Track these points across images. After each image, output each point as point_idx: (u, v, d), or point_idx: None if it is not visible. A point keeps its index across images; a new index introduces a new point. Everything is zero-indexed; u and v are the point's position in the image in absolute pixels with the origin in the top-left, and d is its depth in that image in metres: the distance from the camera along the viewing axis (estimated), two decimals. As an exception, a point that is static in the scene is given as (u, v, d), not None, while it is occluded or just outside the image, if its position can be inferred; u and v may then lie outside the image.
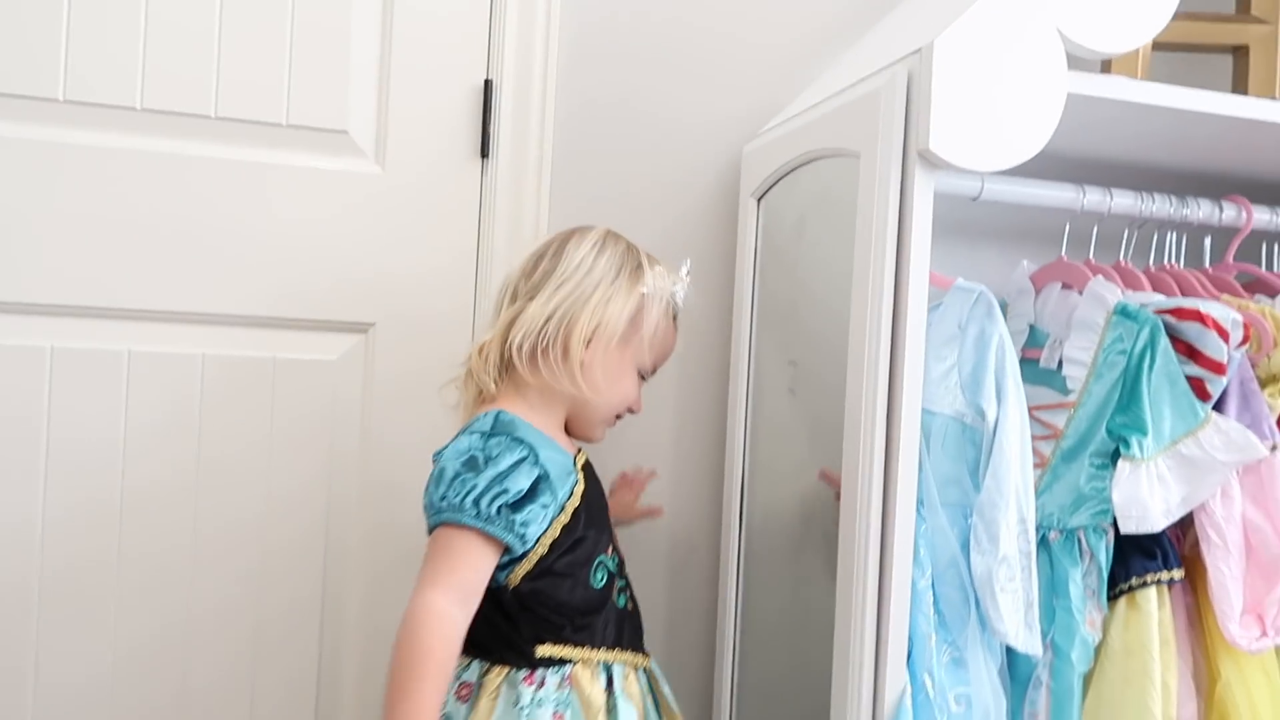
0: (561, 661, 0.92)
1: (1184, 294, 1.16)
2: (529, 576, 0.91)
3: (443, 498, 0.87)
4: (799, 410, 1.13)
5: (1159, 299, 1.08)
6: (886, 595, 0.91)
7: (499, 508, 0.86)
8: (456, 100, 1.23)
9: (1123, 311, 1.07)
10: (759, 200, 1.24)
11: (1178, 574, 1.02)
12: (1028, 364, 1.17)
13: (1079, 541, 1.04)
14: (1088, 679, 1.02)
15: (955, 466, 0.99)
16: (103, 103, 1.12)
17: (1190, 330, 1.03)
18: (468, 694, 0.92)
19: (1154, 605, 1.01)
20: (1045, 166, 0.96)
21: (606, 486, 1.07)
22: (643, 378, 1.04)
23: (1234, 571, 1.01)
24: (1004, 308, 1.19)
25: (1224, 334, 1.02)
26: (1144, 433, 1.02)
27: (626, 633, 0.98)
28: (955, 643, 0.96)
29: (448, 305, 1.22)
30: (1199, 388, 1.03)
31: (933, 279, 1.05)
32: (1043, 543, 1.07)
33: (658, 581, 1.31)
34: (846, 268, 0.97)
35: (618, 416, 1.05)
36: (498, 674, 0.92)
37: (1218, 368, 1.02)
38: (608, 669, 0.94)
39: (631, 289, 0.97)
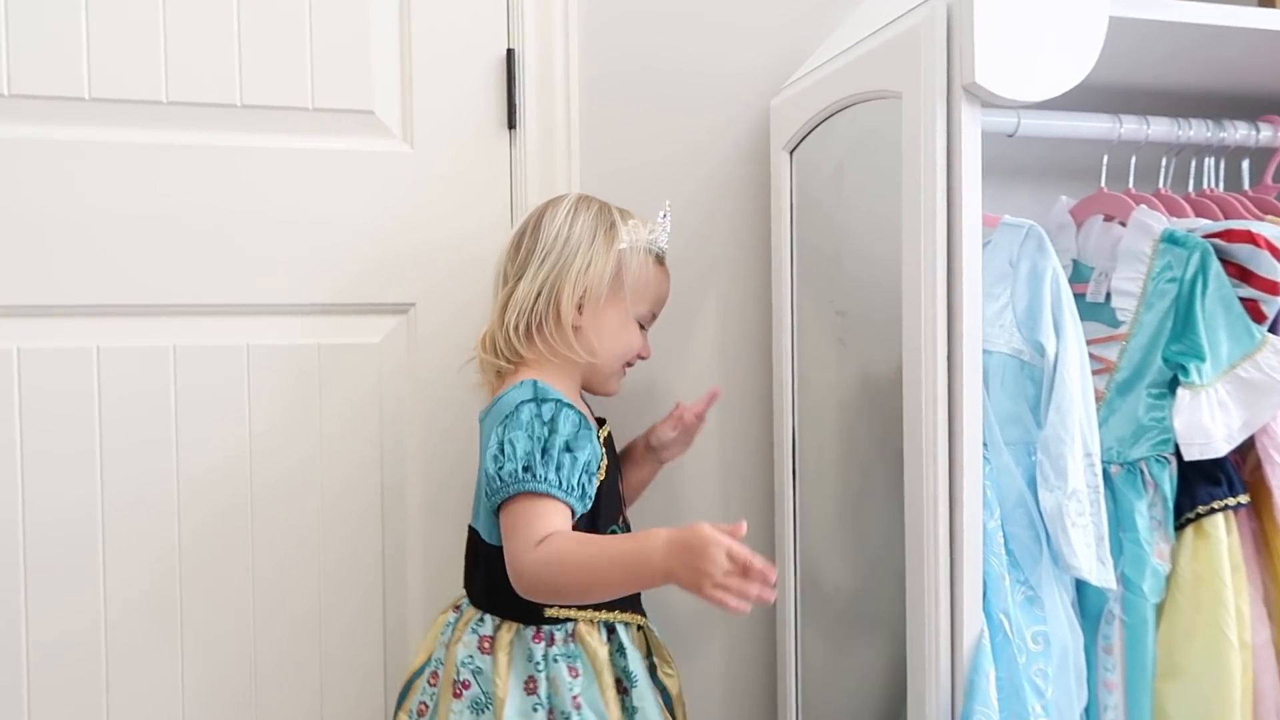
0: (566, 620, 0.95)
1: (1228, 218, 1.15)
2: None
3: (525, 469, 0.88)
4: (850, 360, 1.12)
5: (1205, 223, 1.07)
6: (959, 537, 0.91)
7: (577, 479, 0.90)
8: (480, 73, 1.22)
9: (1170, 238, 1.05)
10: (791, 153, 1.22)
11: (1244, 499, 1.02)
12: (1075, 299, 1.16)
13: (1141, 473, 1.04)
14: (1159, 610, 1.02)
15: (1015, 404, 0.98)
16: (129, 98, 1.11)
17: (1242, 252, 1.02)
18: (489, 647, 0.96)
19: (1222, 531, 1.00)
20: (1078, 98, 0.95)
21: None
22: (643, 326, 1.06)
23: (1300, 491, 1.00)
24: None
25: (1277, 253, 1.00)
26: (1202, 359, 1.01)
27: (636, 595, 1.01)
28: (1028, 581, 0.95)
29: (486, 279, 1.20)
30: (1254, 310, 1.02)
31: (984, 218, 1.05)
32: (1104, 477, 1.06)
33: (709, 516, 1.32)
34: (893, 212, 0.96)
35: (628, 364, 1.07)
36: (508, 630, 0.96)
37: (1272, 287, 1.01)
38: (608, 625, 0.98)
39: (609, 248, 1.00)
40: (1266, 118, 1.19)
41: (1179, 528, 1.02)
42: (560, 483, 0.88)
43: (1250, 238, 1.02)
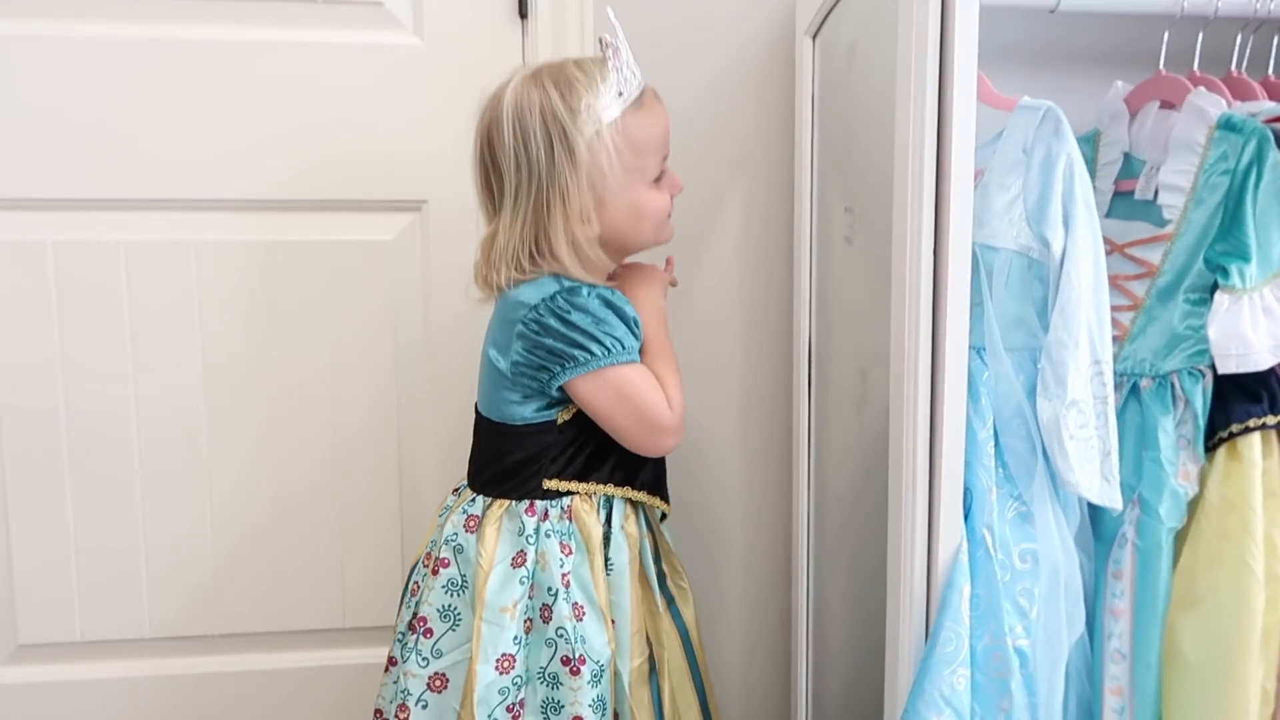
0: (562, 494, 0.94)
1: (1312, 104, 1.00)
2: (578, 414, 0.94)
3: (609, 349, 0.90)
4: (855, 259, 1.06)
5: (1271, 107, 0.94)
6: (938, 446, 0.84)
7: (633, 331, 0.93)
8: (491, -41, 1.18)
9: (1227, 125, 0.93)
10: (814, 38, 1.14)
11: (1288, 417, 0.91)
12: (1122, 197, 1.05)
13: (1173, 387, 0.94)
14: (1182, 537, 0.93)
15: (1021, 306, 0.90)
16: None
17: (1317, 135, 0.89)
18: (474, 525, 0.95)
19: (1257, 453, 0.90)
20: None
21: None
22: (660, 173, 0.97)
23: (1356, 412, 0.89)
24: (1097, 137, 1.08)
25: (1349, 137, 0.87)
26: (1246, 259, 0.90)
27: (642, 476, 0.98)
28: (1021, 497, 0.88)
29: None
30: (1318, 203, 0.90)
31: (996, 100, 0.96)
32: (1134, 391, 0.97)
33: (732, 432, 1.30)
34: (893, 96, 0.88)
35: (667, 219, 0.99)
36: (498, 507, 0.94)
37: (1340, 177, 0.88)
38: (608, 504, 0.96)
39: (575, 153, 0.88)
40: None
41: (1211, 448, 0.93)
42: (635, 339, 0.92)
43: (1317, 120, 0.89)
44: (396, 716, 0.93)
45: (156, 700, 1.23)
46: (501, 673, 0.90)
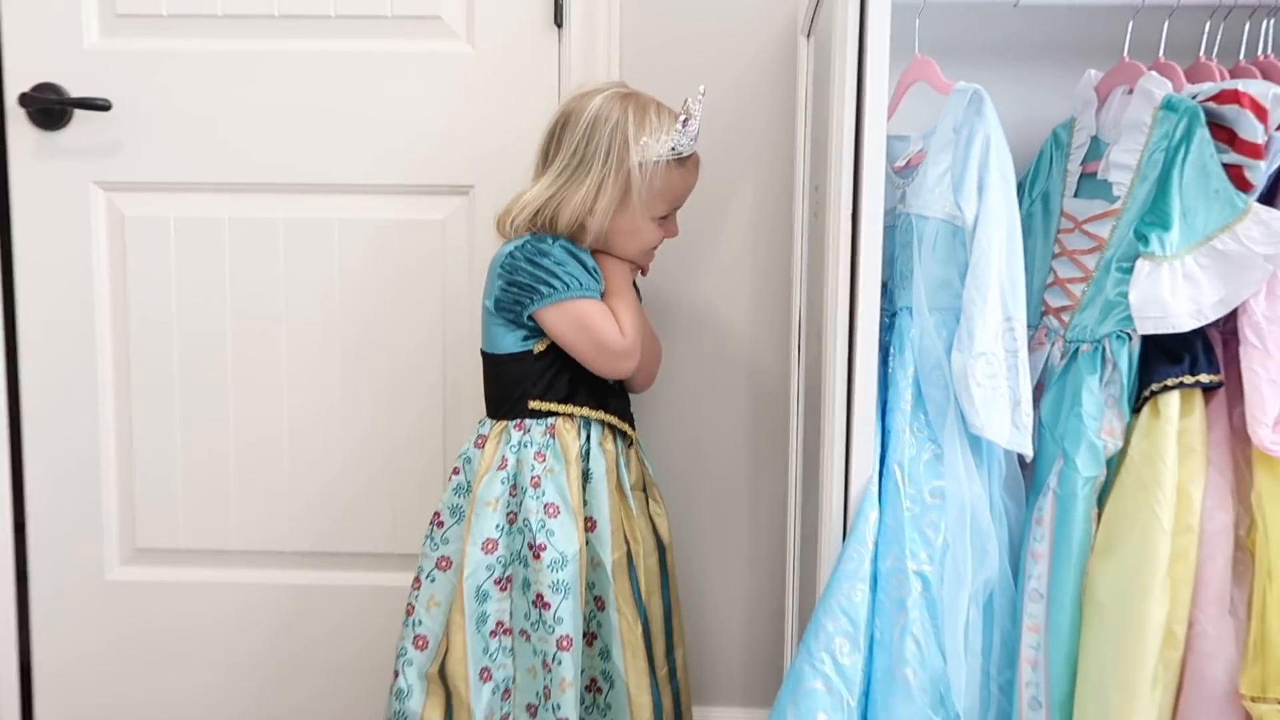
0: (547, 414, 1.13)
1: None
2: (551, 346, 1.12)
3: (568, 284, 1.09)
4: (817, 236, 1.17)
5: (1208, 87, 0.99)
6: (855, 392, 0.95)
7: (593, 278, 1.12)
8: (531, -24, 1.36)
9: (1167, 105, 1.00)
10: (808, 36, 1.26)
11: (1207, 378, 0.96)
12: (1087, 178, 1.12)
13: (1103, 350, 1.01)
14: (1108, 489, 0.99)
15: (946, 269, 0.99)
16: (247, 13, 1.38)
17: (1229, 113, 0.95)
18: (482, 442, 1.15)
19: (1175, 411, 0.96)
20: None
21: None
22: (665, 217, 1.17)
23: (1270, 374, 0.93)
24: (1072, 123, 1.15)
25: (1261, 112, 0.93)
26: (1167, 228, 0.96)
27: (614, 405, 1.17)
28: (937, 440, 0.98)
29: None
30: (1238, 176, 0.95)
31: (936, 84, 1.06)
32: (1075, 356, 1.04)
33: (741, 399, 1.42)
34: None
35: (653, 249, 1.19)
36: (499, 426, 1.14)
37: (1254, 150, 0.94)
38: (587, 425, 1.14)
39: (619, 170, 1.09)
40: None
41: (1137, 407, 0.99)
42: (596, 285, 1.12)
43: (1235, 97, 0.94)
44: (412, 588, 1.14)
45: (240, 603, 1.46)
46: (486, 553, 1.10)
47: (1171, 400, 0.96)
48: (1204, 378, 0.96)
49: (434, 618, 1.13)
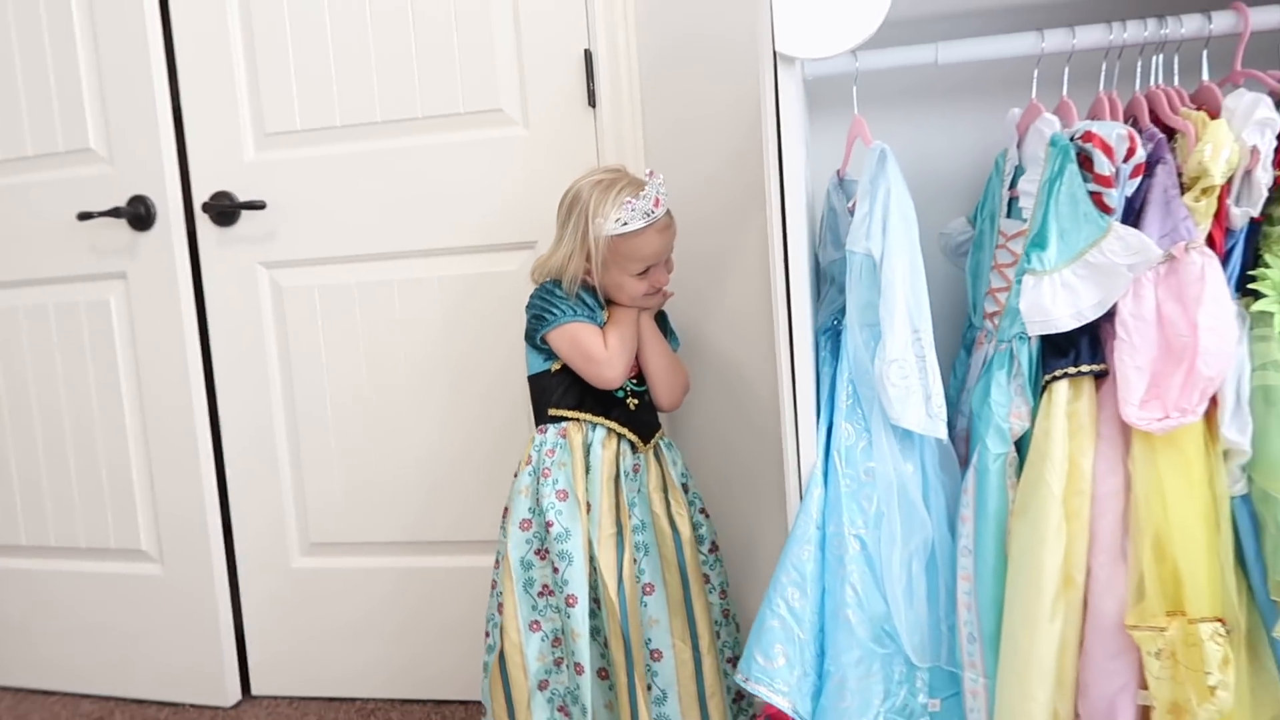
0: (560, 419, 1.46)
1: (1152, 113, 1.23)
2: (564, 366, 1.46)
3: (564, 312, 1.44)
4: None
5: (1080, 125, 1.19)
6: (798, 396, 1.22)
7: (590, 309, 1.46)
8: (569, 70, 1.68)
9: (1053, 142, 1.20)
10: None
11: (1088, 368, 1.16)
12: (1014, 201, 1.32)
13: (1011, 349, 1.23)
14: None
15: (870, 294, 1.23)
16: (357, 122, 1.77)
17: (1089, 149, 1.15)
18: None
19: (1062, 396, 1.17)
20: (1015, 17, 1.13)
21: None
22: (646, 272, 1.45)
23: (1136, 362, 1.13)
24: (1004, 154, 1.36)
25: (1108, 150, 1.13)
26: (1043, 248, 1.17)
27: (617, 414, 1.47)
28: (869, 429, 1.23)
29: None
30: (1099, 201, 1.16)
31: (866, 140, 1.30)
32: (998, 356, 1.26)
33: (763, 405, 1.69)
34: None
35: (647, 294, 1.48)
36: (536, 431, 1.49)
37: (1106, 181, 1.14)
38: (593, 429, 1.45)
39: (581, 245, 1.42)
40: (1235, 5, 1.23)
41: (1040, 394, 1.20)
42: (590, 314, 1.46)
43: (1089, 137, 1.14)
44: (494, 567, 1.48)
45: (390, 585, 1.87)
46: (523, 530, 1.44)
47: (1060, 388, 1.17)
48: (1085, 368, 1.17)
49: None
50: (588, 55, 1.67)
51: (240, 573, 1.94)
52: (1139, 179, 1.16)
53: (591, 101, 1.68)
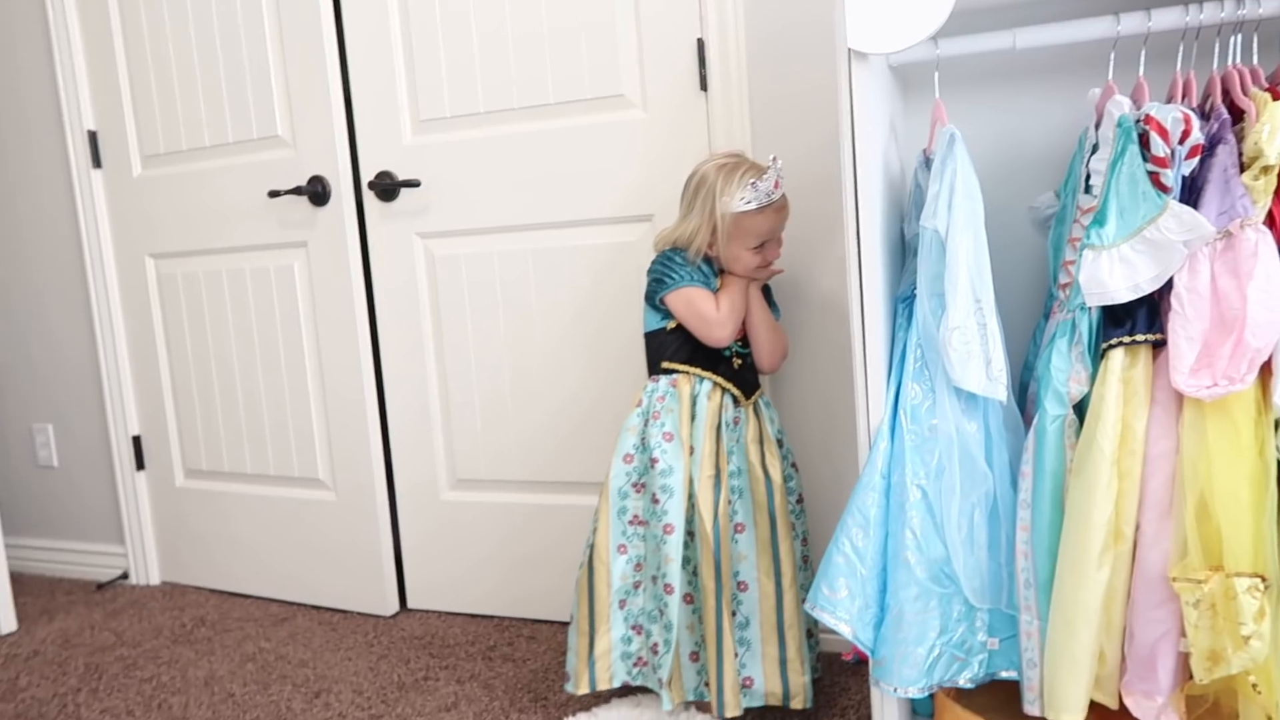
0: (672, 372, 1.64)
1: (1225, 94, 1.28)
2: (679, 325, 1.63)
3: (682, 278, 1.61)
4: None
5: (1146, 108, 1.25)
6: (869, 356, 1.35)
7: (705, 276, 1.62)
8: (684, 56, 1.84)
9: (1119, 123, 1.27)
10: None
11: (1143, 337, 1.24)
12: (1090, 178, 1.39)
13: (1074, 319, 1.31)
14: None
15: (938, 266, 1.34)
16: (499, 108, 1.99)
17: (1148, 131, 1.22)
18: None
19: (1118, 363, 1.25)
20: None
21: None
22: (761, 247, 1.61)
23: (1188, 332, 1.20)
24: (1086, 133, 1.43)
25: (1163, 132, 1.20)
26: (1102, 224, 1.25)
27: (724, 371, 1.64)
28: (934, 390, 1.34)
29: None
30: (1157, 181, 1.22)
31: (943, 122, 1.39)
32: (1062, 324, 1.35)
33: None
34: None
35: (759, 267, 1.64)
36: (646, 381, 1.67)
37: (1162, 162, 1.21)
38: (700, 382, 1.62)
39: (708, 220, 1.59)
40: (1322, -20, 1.25)
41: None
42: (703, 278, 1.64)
43: (1148, 120, 1.21)
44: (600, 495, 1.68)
45: (523, 518, 2.11)
46: (625, 463, 1.63)
47: (1116, 355, 1.25)
48: (1140, 336, 1.24)
49: None
50: (700, 44, 1.82)
51: (399, 502, 2.24)
52: (1197, 159, 1.22)
53: (703, 86, 1.83)
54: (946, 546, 1.34)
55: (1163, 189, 1.22)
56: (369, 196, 2.13)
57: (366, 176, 2.12)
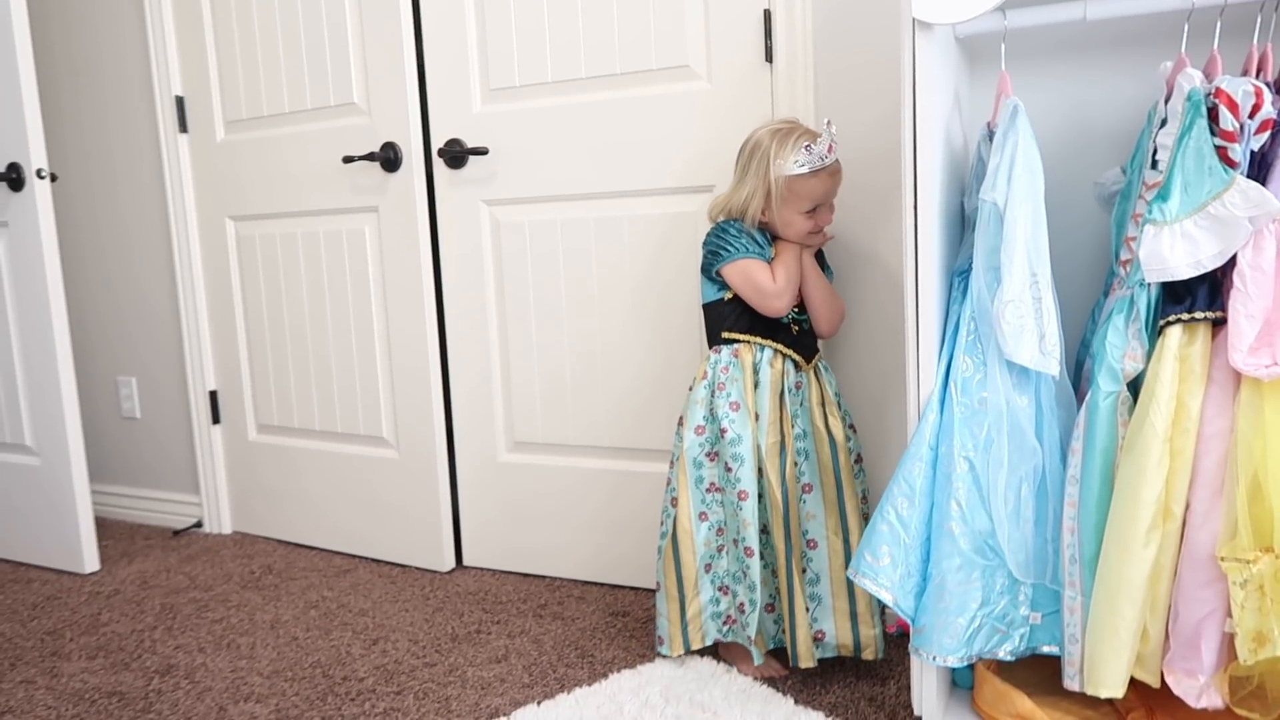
0: (733, 341, 1.66)
1: (1298, 69, 1.25)
2: (736, 295, 1.65)
3: (738, 249, 1.64)
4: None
5: (1217, 81, 1.23)
6: (921, 329, 1.36)
7: (760, 246, 1.64)
8: (749, 27, 1.85)
9: (1189, 96, 1.26)
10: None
11: (1201, 314, 1.22)
12: (1156, 153, 1.37)
13: (1132, 295, 1.30)
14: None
15: (995, 239, 1.34)
16: (567, 78, 2.03)
17: (1217, 104, 1.20)
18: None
19: (1175, 340, 1.24)
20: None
21: None
22: (814, 211, 1.62)
23: (1249, 310, 1.18)
24: (1155, 105, 1.41)
25: (1233, 106, 1.17)
26: (1166, 199, 1.24)
27: (783, 338, 1.66)
28: (985, 363, 1.34)
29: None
30: (1224, 155, 1.20)
31: (1007, 95, 1.38)
32: (1120, 300, 1.34)
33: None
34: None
35: (811, 233, 1.64)
36: (709, 352, 1.69)
37: (1230, 136, 1.19)
38: (761, 351, 1.65)
39: (762, 183, 1.61)
40: None
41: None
42: (759, 249, 1.66)
43: (1218, 93, 1.19)
44: (670, 466, 1.72)
45: (574, 481, 2.16)
46: (697, 435, 1.66)
47: (1173, 332, 1.24)
48: (1198, 314, 1.23)
49: None
50: (767, 15, 1.83)
51: (458, 462, 2.30)
52: (1267, 134, 1.19)
53: (768, 57, 1.84)
54: (991, 519, 1.34)
55: (1230, 164, 1.20)
56: (438, 164, 2.19)
57: (437, 144, 2.18)
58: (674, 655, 1.69)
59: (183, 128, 2.54)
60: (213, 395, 2.65)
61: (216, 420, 2.66)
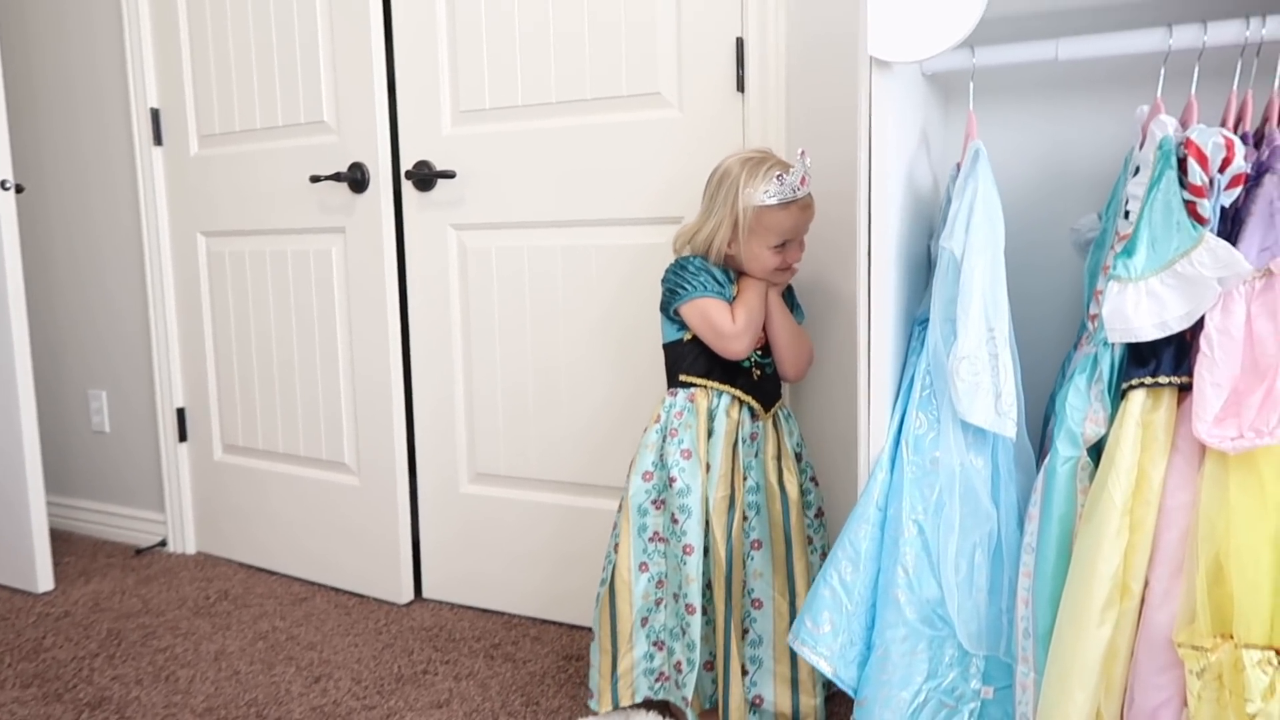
0: (690, 385, 1.58)
1: (1280, 117, 1.17)
2: (695, 336, 1.58)
3: (696, 287, 1.55)
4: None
5: (1190, 128, 1.15)
6: (873, 384, 1.28)
7: (719, 284, 1.56)
8: (722, 56, 1.78)
9: (1160, 145, 1.18)
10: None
11: (1165, 379, 1.14)
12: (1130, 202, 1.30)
13: (1095, 355, 1.22)
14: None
15: (953, 290, 1.27)
16: (536, 102, 1.97)
17: (1187, 157, 1.12)
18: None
19: (1137, 406, 1.16)
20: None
21: None
22: (782, 246, 1.54)
23: (1215, 378, 1.11)
24: (1131, 153, 1.34)
25: (1202, 159, 1.10)
26: (1131, 255, 1.16)
27: (742, 383, 1.58)
28: (939, 420, 1.27)
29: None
30: (1193, 211, 1.13)
31: (973, 136, 1.32)
32: (1084, 360, 1.26)
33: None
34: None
35: (778, 269, 1.56)
36: (667, 394, 1.62)
37: (1198, 191, 1.11)
38: (718, 396, 1.57)
39: (729, 214, 1.52)
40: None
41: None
42: (719, 289, 1.57)
43: (1188, 145, 1.11)
44: (619, 509, 1.64)
45: (536, 515, 2.09)
46: (644, 480, 1.58)
47: (1136, 397, 1.16)
48: (1163, 379, 1.15)
49: None
50: (739, 43, 1.76)
51: (420, 492, 2.24)
52: (1239, 189, 1.12)
53: (740, 87, 1.78)
54: (941, 587, 1.26)
55: (1199, 220, 1.12)
56: (406, 186, 2.14)
57: (405, 165, 2.12)
58: (601, 711, 1.61)
59: (157, 140, 2.50)
60: (180, 413, 2.60)
61: (183, 438, 2.61)
